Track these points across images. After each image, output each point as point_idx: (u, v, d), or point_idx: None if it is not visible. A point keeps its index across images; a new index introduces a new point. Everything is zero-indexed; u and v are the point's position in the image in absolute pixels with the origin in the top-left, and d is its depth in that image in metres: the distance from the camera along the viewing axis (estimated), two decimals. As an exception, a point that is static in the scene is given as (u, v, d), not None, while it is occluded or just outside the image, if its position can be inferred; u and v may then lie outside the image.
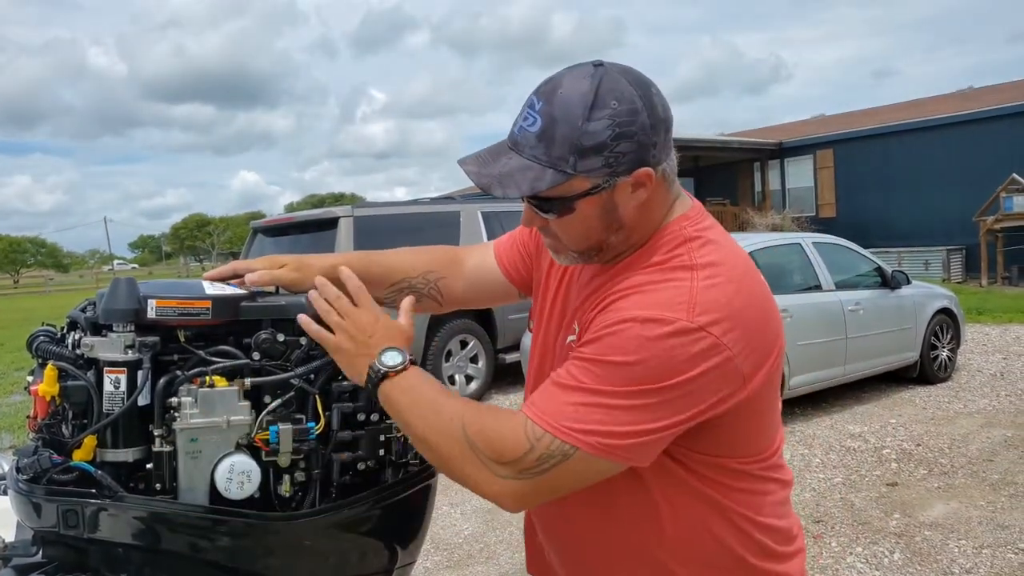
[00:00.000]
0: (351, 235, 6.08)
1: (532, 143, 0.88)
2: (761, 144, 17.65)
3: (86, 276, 56.43)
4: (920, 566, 3.15)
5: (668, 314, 0.83)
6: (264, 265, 1.09)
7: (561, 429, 0.84)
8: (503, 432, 0.87)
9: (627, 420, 0.83)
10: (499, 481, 0.86)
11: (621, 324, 0.85)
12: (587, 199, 0.89)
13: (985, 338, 8.19)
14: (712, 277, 0.87)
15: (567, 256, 0.98)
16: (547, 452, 0.84)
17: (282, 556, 0.96)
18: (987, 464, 4.30)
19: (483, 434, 0.87)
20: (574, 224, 0.92)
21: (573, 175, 0.87)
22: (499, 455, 0.86)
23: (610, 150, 0.86)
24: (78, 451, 0.90)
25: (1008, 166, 12.90)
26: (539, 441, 0.84)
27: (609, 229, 0.93)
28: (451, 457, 0.89)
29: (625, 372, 0.83)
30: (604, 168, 0.87)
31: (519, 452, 0.85)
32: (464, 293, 1.24)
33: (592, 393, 0.84)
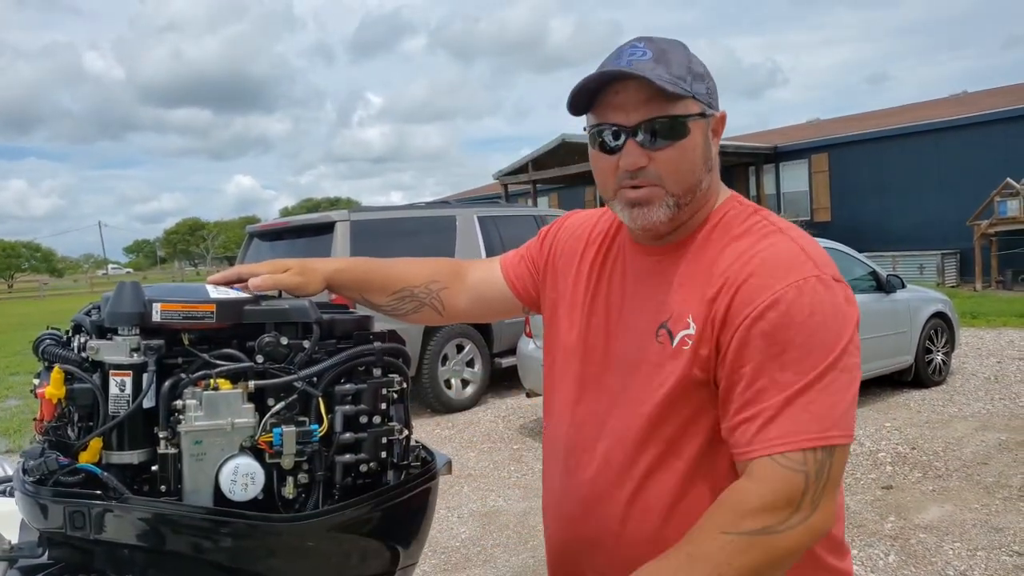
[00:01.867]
0: (347, 239, 6.08)
1: (650, 66, 0.91)
2: (756, 148, 17.72)
3: (80, 281, 56.19)
4: (915, 568, 3.16)
5: (806, 273, 0.87)
6: (268, 269, 1.10)
7: (813, 439, 0.83)
8: (770, 490, 0.82)
9: (839, 390, 0.84)
10: (808, 524, 0.83)
11: (776, 306, 0.86)
12: (697, 123, 0.94)
13: (979, 342, 8.24)
14: (801, 236, 0.94)
15: (662, 206, 0.94)
16: (817, 467, 0.83)
17: (285, 557, 0.97)
18: (981, 467, 4.32)
19: (760, 512, 0.82)
20: (685, 152, 0.93)
21: (690, 94, 0.92)
22: (790, 507, 0.82)
23: (708, 82, 0.95)
24: (84, 453, 0.91)
25: (1002, 170, 12.99)
26: (805, 464, 0.83)
27: (705, 167, 0.96)
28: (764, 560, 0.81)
29: (812, 347, 0.84)
30: (707, 96, 0.95)
31: (800, 487, 0.82)
32: (467, 306, 1.24)
33: (803, 390, 0.84)
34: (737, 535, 0.81)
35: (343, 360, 1.02)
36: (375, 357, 1.05)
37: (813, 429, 0.83)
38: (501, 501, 4.29)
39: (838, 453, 0.84)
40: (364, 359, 1.04)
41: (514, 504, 4.24)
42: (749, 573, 0.81)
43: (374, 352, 1.05)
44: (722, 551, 0.81)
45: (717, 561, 0.80)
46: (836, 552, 1.00)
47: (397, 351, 1.09)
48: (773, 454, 0.83)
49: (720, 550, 0.81)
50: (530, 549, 3.61)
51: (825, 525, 0.85)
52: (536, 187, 19.96)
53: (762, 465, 0.83)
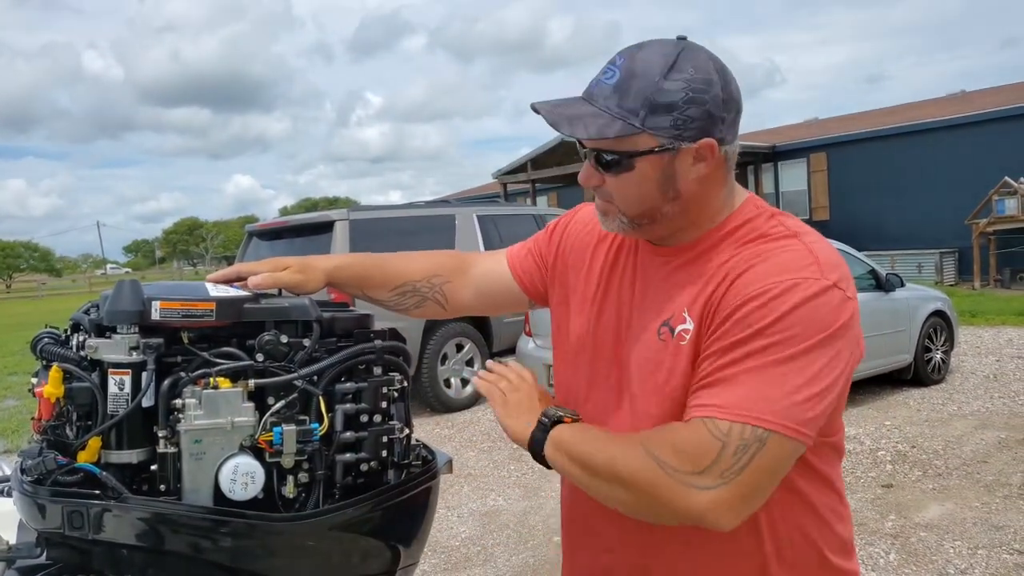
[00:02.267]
0: (347, 238, 6.07)
1: (607, 94, 0.90)
2: (754, 147, 17.72)
3: (79, 280, 56.17)
4: (916, 567, 3.16)
5: (802, 275, 0.86)
6: (267, 267, 1.09)
7: (747, 416, 0.81)
8: (688, 439, 0.84)
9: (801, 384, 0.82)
10: (703, 494, 0.82)
11: (761, 296, 0.85)
12: (649, 158, 0.90)
13: (978, 340, 8.24)
14: (817, 241, 0.92)
15: (616, 221, 0.97)
16: (741, 443, 0.81)
17: (286, 557, 0.96)
18: (981, 466, 4.32)
19: (669, 447, 0.84)
20: (632, 184, 0.92)
21: (640, 130, 0.88)
22: (694, 464, 0.82)
23: (680, 112, 0.88)
24: (83, 452, 0.90)
25: (1000, 169, 12.99)
26: (728, 435, 0.82)
27: (665, 197, 0.93)
28: (645, 485, 0.85)
29: (783, 340, 0.83)
30: (671, 129, 0.89)
31: (713, 453, 0.82)
32: (471, 299, 1.22)
33: (759, 370, 0.83)
34: (647, 451, 0.86)
35: (344, 358, 1.02)
36: (376, 355, 1.05)
37: (749, 408, 0.81)
38: (501, 500, 4.29)
39: (773, 443, 0.81)
40: (365, 357, 1.04)
41: (514, 503, 4.24)
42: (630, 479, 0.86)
43: (375, 350, 1.05)
44: (629, 449, 0.88)
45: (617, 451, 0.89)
46: (842, 552, 1.00)
47: (398, 349, 1.08)
48: (703, 416, 0.84)
49: (628, 448, 0.88)
50: (530, 548, 3.61)
51: (720, 512, 0.81)
52: (535, 186, 19.96)
53: (694, 423, 0.85)
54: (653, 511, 0.87)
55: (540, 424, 0.98)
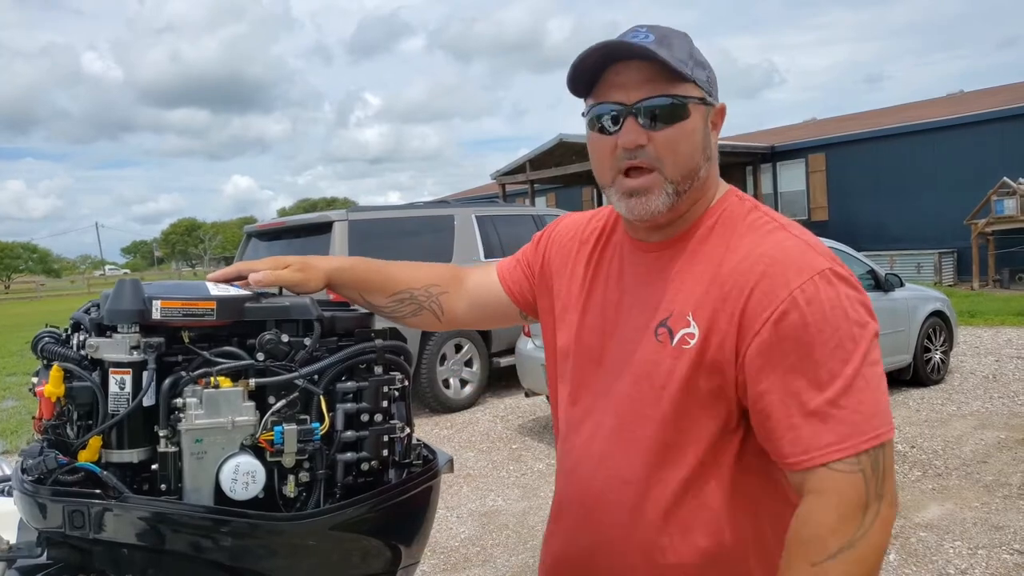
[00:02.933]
0: (346, 239, 6.07)
1: (654, 47, 0.90)
2: (753, 148, 17.73)
3: (77, 282, 56.10)
4: (916, 567, 3.16)
5: (818, 267, 0.87)
6: (268, 266, 1.09)
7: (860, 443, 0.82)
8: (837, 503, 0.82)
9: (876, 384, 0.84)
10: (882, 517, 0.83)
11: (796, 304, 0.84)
12: (699, 107, 0.94)
13: (977, 340, 8.25)
14: (803, 232, 0.93)
15: (661, 193, 0.92)
16: (872, 465, 0.83)
17: (286, 556, 0.96)
18: (981, 466, 4.32)
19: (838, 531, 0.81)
20: (685, 134, 0.93)
21: (692, 78, 0.92)
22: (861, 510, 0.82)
23: (709, 72, 0.95)
24: (83, 452, 0.90)
25: (999, 169, 13.01)
26: (861, 465, 0.82)
27: (704, 155, 0.95)
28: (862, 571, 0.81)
29: (841, 341, 0.84)
30: (707, 84, 0.94)
31: (862, 488, 0.82)
32: (466, 312, 1.22)
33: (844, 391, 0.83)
34: (827, 560, 0.81)
35: (345, 358, 1.02)
36: (376, 355, 1.05)
37: (864, 430, 0.82)
38: (500, 501, 4.28)
39: (888, 445, 0.85)
40: (365, 356, 1.04)
41: (513, 504, 4.23)
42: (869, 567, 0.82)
43: (375, 349, 1.04)
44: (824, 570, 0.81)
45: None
46: None
47: (398, 349, 1.08)
48: (828, 463, 0.82)
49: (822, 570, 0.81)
50: (529, 549, 3.60)
51: (893, 511, 0.85)
52: (534, 187, 19.96)
53: (820, 476, 0.83)
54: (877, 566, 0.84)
55: None
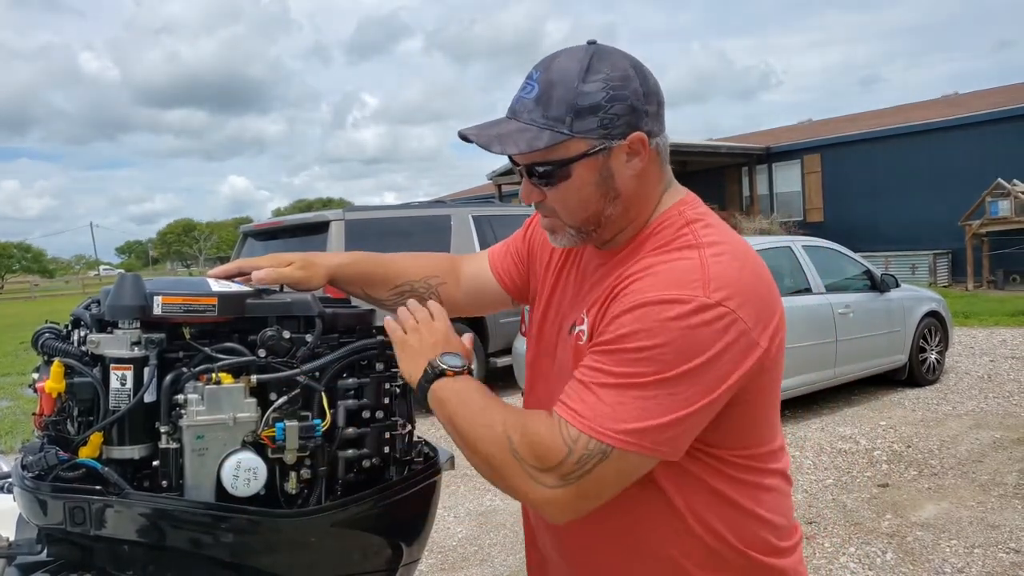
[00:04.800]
0: (342, 239, 6.06)
1: (530, 108, 0.90)
2: (749, 149, 17.77)
3: (72, 282, 55.85)
4: (912, 566, 3.17)
5: (685, 292, 0.83)
6: (270, 263, 1.09)
7: (596, 430, 0.83)
8: (542, 437, 0.85)
9: (660, 410, 0.82)
10: (544, 490, 0.85)
11: (639, 308, 0.84)
12: (584, 162, 0.91)
13: (972, 341, 8.28)
14: (719, 254, 0.88)
15: (565, 235, 0.98)
16: (585, 453, 0.83)
17: (288, 553, 0.96)
18: (976, 465, 4.34)
19: (525, 439, 0.86)
20: (572, 192, 0.93)
21: (570, 136, 0.89)
22: (541, 461, 0.85)
23: (605, 111, 0.89)
24: (84, 448, 0.90)
25: (994, 171, 13.06)
26: (576, 443, 0.83)
27: (606, 198, 0.93)
28: (496, 465, 0.88)
29: (651, 358, 0.82)
30: (600, 129, 0.89)
31: (559, 457, 0.84)
32: (463, 300, 1.25)
33: (622, 388, 0.83)
34: (504, 433, 0.88)
35: (346, 354, 1.01)
36: (378, 351, 1.04)
37: (602, 422, 0.82)
38: (497, 500, 4.28)
39: (616, 457, 0.82)
40: (367, 353, 1.04)
41: (510, 503, 4.23)
42: (484, 453, 0.88)
43: (377, 346, 1.04)
44: (492, 429, 0.89)
45: (484, 430, 0.89)
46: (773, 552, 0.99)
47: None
48: (561, 416, 0.86)
49: (491, 427, 0.89)
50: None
51: (559, 508, 0.85)
52: (530, 187, 19.95)
53: (553, 417, 0.87)
54: (501, 487, 0.90)
55: (425, 373, 0.96)
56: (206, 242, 77.51)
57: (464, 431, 0.91)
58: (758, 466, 0.96)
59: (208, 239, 78.09)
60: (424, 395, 0.97)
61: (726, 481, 0.94)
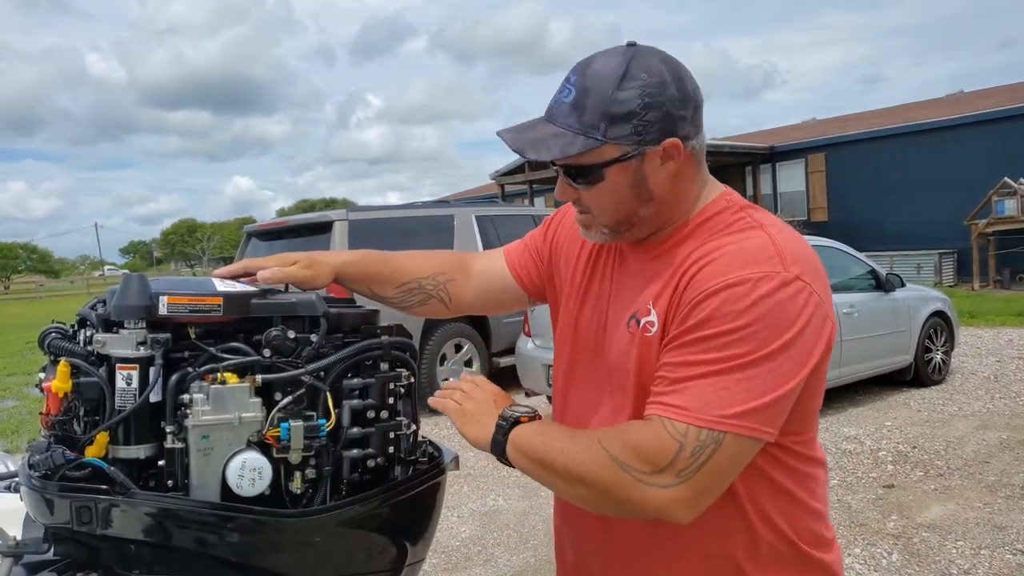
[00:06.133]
0: (345, 239, 6.07)
1: (566, 112, 0.91)
2: (752, 148, 17.74)
3: (77, 282, 56.05)
4: (919, 567, 3.16)
5: (765, 268, 0.85)
6: (275, 263, 1.09)
7: (705, 419, 0.82)
8: (646, 440, 0.84)
9: (764, 388, 0.83)
10: (661, 492, 0.83)
11: (725, 290, 0.84)
12: (617, 167, 0.92)
13: (978, 341, 8.24)
14: (783, 232, 0.92)
15: (598, 232, 0.99)
16: (697, 445, 0.82)
17: (292, 553, 0.96)
18: (983, 466, 4.32)
19: (628, 448, 0.85)
20: (604, 194, 0.94)
21: (603, 142, 0.90)
22: (652, 464, 0.83)
23: (639, 118, 0.90)
24: (90, 447, 0.90)
25: (999, 170, 13.01)
26: (686, 437, 0.83)
27: (639, 200, 0.94)
28: (605, 485, 0.86)
29: (748, 336, 0.83)
30: (633, 136, 0.90)
31: (670, 454, 0.83)
32: (473, 298, 1.23)
33: (723, 372, 0.83)
34: (603, 450, 0.87)
35: (351, 354, 1.01)
36: (382, 351, 1.04)
37: (709, 411, 0.82)
38: (501, 500, 4.28)
39: (729, 442, 0.82)
40: (371, 353, 1.03)
41: (514, 503, 4.23)
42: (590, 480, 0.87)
43: (381, 346, 1.04)
44: (588, 449, 0.88)
45: (578, 452, 0.89)
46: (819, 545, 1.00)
47: (404, 345, 1.08)
48: (662, 416, 0.85)
49: (587, 448, 0.88)
50: (531, 548, 3.60)
51: (678, 507, 0.84)
52: (532, 187, 19.96)
53: (653, 421, 0.86)
54: (614, 508, 0.89)
55: (499, 427, 0.97)
56: (210, 242, 77.72)
57: (560, 464, 0.90)
58: (809, 454, 0.97)
59: (212, 239, 78.32)
60: (502, 449, 0.97)
61: (784, 471, 0.94)
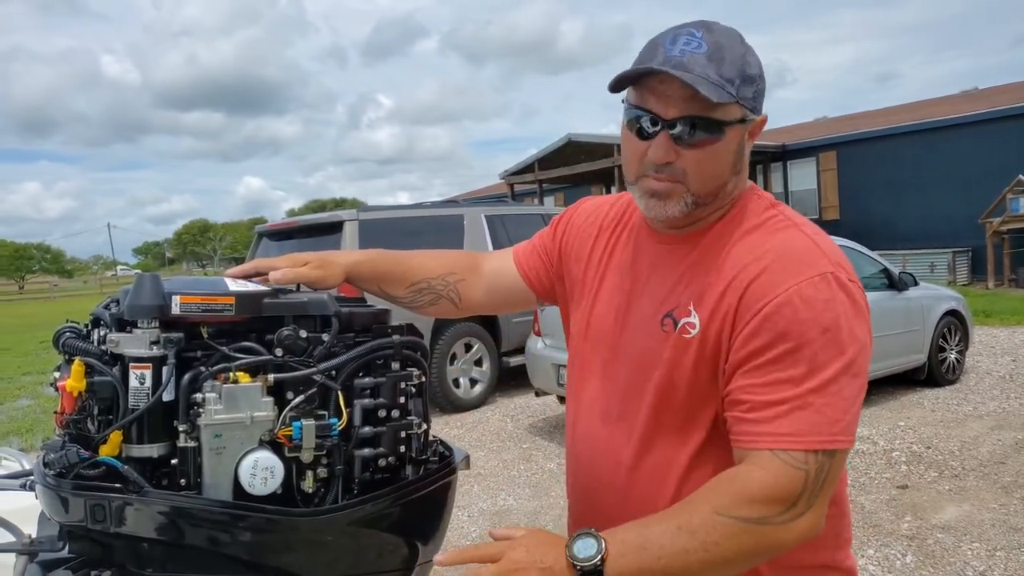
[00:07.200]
0: (356, 239, 6.09)
1: (702, 63, 0.88)
2: (764, 147, 17.64)
3: (90, 282, 56.58)
4: (933, 568, 3.13)
5: (820, 269, 0.86)
6: (287, 263, 1.09)
7: (818, 441, 0.82)
8: (772, 482, 0.82)
9: (852, 395, 0.84)
10: (800, 522, 0.82)
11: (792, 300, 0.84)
12: (735, 128, 0.91)
13: (993, 340, 8.16)
14: (816, 232, 0.92)
15: (680, 201, 0.93)
16: (818, 467, 0.83)
17: (304, 552, 0.96)
18: (998, 467, 4.27)
19: (754, 502, 0.81)
20: (715, 156, 0.91)
21: (736, 99, 0.89)
22: (786, 502, 0.82)
23: (758, 85, 0.91)
24: (104, 446, 0.90)
25: (1014, 167, 12.87)
26: (807, 464, 0.82)
27: (734, 170, 0.94)
28: (752, 550, 0.82)
29: (827, 344, 0.83)
30: (752, 100, 0.91)
31: (799, 486, 0.82)
32: (483, 298, 1.23)
33: (816, 390, 0.83)
34: (730, 518, 0.80)
35: (362, 353, 1.01)
36: (394, 350, 1.04)
37: (822, 431, 0.83)
38: (511, 500, 4.28)
39: (839, 456, 0.84)
40: (383, 352, 1.04)
41: (524, 503, 4.23)
42: (734, 556, 0.80)
43: (393, 345, 1.04)
44: (713, 530, 0.80)
45: (705, 540, 0.79)
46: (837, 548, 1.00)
47: (415, 344, 1.08)
48: (776, 449, 0.82)
49: (711, 529, 0.80)
50: (542, 548, 3.60)
51: (817, 525, 0.84)
52: (542, 187, 19.95)
53: (765, 457, 0.83)
54: (763, 560, 0.86)
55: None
56: (221, 242, 78.24)
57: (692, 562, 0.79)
58: None
59: (223, 239, 78.85)
60: None
61: None
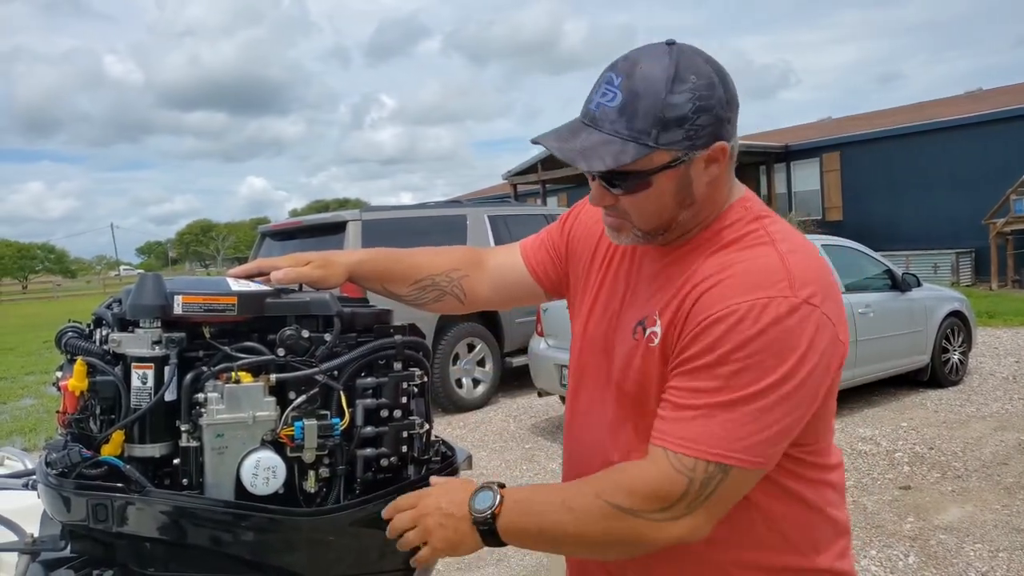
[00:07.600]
0: (359, 239, 6.09)
1: (613, 118, 0.87)
2: (767, 147, 17.61)
3: (94, 282, 56.68)
4: (936, 569, 3.12)
5: (772, 293, 0.83)
6: (289, 263, 1.09)
7: (713, 453, 0.82)
8: (654, 479, 0.84)
9: (771, 420, 0.82)
10: (675, 525, 0.84)
11: (730, 317, 0.83)
12: (665, 173, 0.89)
13: (996, 341, 8.14)
14: (794, 251, 0.88)
15: (630, 235, 0.96)
16: (705, 477, 0.83)
17: (306, 551, 0.96)
18: (1001, 468, 4.26)
19: (634, 493, 0.85)
20: (649, 200, 0.91)
21: (655, 148, 0.86)
22: (663, 501, 0.84)
23: (691, 123, 0.87)
24: (107, 446, 0.90)
25: (1018, 168, 12.83)
26: (694, 471, 0.83)
27: (682, 205, 0.92)
28: (620, 536, 0.86)
29: (752, 366, 0.81)
30: (684, 141, 0.87)
31: (680, 489, 0.83)
32: (488, 293, 1.23)
33: (729, 405, 0.82)
34: (605, 503, 0.86)
35: (365, 353, 1.01)
36: (396, 350, 1.04)
37: (719, 445, 0.82)
38: (514, 500, 4.28)
39: (735, 474, 0.83)
40: (385, 352, 1.04)
41: (527, 503, 4.23)
42: (603, 539, 0.87)
43: (395, 345, 1.04)
44: (588, 510, 0.87)
45: (579, 516, 0.87)
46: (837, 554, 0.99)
47: (417, 344, 1.08)
48: (669, 449, 0.84)
49: (587, 508, 0.87)
50: (544, 548, 3.60)
51: (694, 533, 0.85)
52: (545, 187, 19.95)
53: (659, 454, 0.85)
54: (631, 551, 0.89)
55: (481, 533, 0.92)
56: (224, 243, 78.34)
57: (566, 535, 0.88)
58: (822, 462, 0.97)
59: (226, 240, 78.96)
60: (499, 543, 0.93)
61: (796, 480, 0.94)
